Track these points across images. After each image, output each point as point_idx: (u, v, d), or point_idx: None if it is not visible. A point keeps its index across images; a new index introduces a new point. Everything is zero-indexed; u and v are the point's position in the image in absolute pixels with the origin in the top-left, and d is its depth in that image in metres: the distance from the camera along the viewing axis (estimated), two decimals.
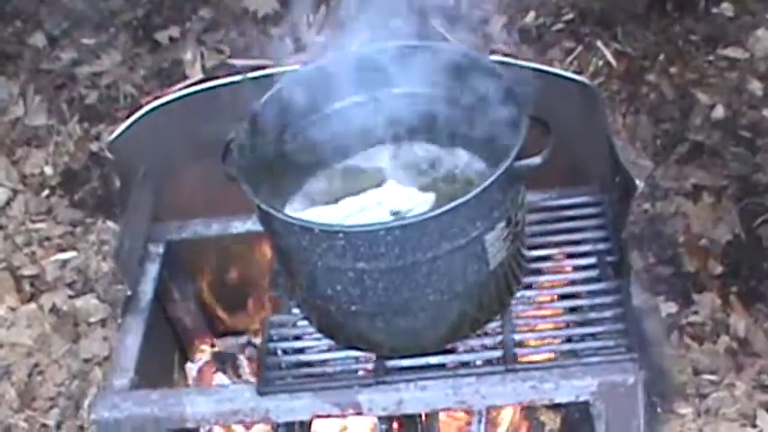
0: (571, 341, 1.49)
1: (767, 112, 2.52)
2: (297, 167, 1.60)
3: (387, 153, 1.65)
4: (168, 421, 1.52)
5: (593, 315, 1.51)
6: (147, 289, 1.72)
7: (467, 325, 1.48)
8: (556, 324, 1.53)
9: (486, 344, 1.51)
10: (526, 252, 1.54)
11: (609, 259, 1.58)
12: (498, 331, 1.50)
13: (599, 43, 2.75)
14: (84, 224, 2.62)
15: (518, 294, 1.54)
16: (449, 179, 1.58)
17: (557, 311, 1.55)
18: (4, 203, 2.66)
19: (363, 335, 1.48)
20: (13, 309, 2.41)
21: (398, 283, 1.37)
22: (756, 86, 2.59)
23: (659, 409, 1.69)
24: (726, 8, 2.78)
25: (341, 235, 1.31)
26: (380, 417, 1.58)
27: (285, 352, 1.55)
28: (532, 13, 2.82)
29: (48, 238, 2.60)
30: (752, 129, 2.49)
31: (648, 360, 1.65)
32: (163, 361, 1.86)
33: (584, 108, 1.66)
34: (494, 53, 2.71)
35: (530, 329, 1.52)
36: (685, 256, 2.26)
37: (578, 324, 1.51)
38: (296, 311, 1.58)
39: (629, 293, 1.51)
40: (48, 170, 2.78)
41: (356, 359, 1.52)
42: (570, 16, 2.83)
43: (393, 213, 1.45)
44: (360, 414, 1.48)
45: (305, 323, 1.56)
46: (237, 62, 2.84)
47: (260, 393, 1.49)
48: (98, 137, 2.83)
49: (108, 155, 1.71)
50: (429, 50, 1.57)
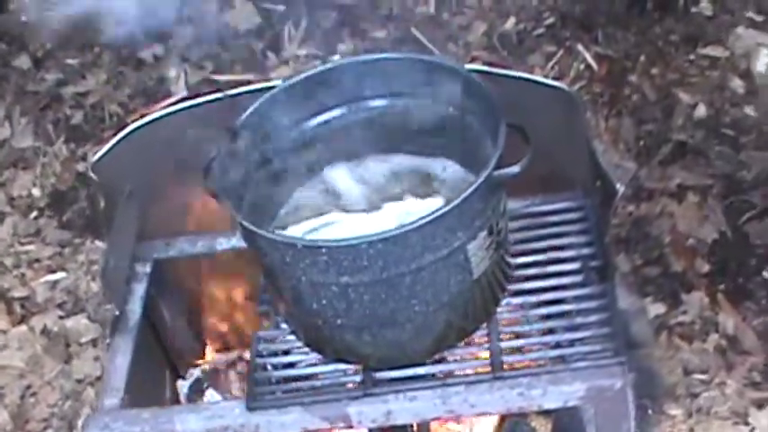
0: (558, 347, 1.50)
1: (749, 110, 2.54)
2: (280, 182, 1.61)
3: (369, 165, 1.66)
4: None
5: (579, 320, 1.51)
6: (135, 308, 1.73)
7: (453, 335, 1.49)
8: (542, 330, 1.53)
9: (473, 353, 1.52)
10: (510, 260, 1.54)
11: (593, 264, 1.59)
12: (485, 340, 1.51)
13: (579, 47, 2.76)
14: (72, 245, 2.62)
15: (503, 302, 1.55)
16: (434, 188, 1.59)
17: (543, 318, 1.55)
18: None
19: (350, 347, 1.48)
20: (4, 331, 2.41)
21: (383, 296, 1.38)
22: (738, 84, 2.61)
23: (650, 411, 1.70)
24: (705, 7, 2.80)
25: (324, 250, 1.32)
26: (371, 429, 1.59)
27: (274, 367, 1.56)
28: (513, 19, 2.83)
29: (37, 260, 2.60)
30: (735, 127, 2.51)
31: (637, 362, 1.67)
32: (153, 379, 1.86)
33: (564, 114, 1.67)
34: (474, 60, 2.75)
35: (516, 336, 1.53)
36: (672, 256, 2.27)
37: (565, 329, 1.52)
38: (284, 326, 1.59)
39: (614, 297, 1.52)
40: (35, 192, 2.78)
41: (344, 372, 1.52)
42: (551, 20, 2.83)
43: None
44: (350, 427, 1.49)
45: (292, 337, 1.57)
46: (220, 78, 2.85)
47: (249, 409, 1.50)
48: (84, 157, 2.83)
49: (92, 175, 1.71)
50: (406, 61, 1.58)
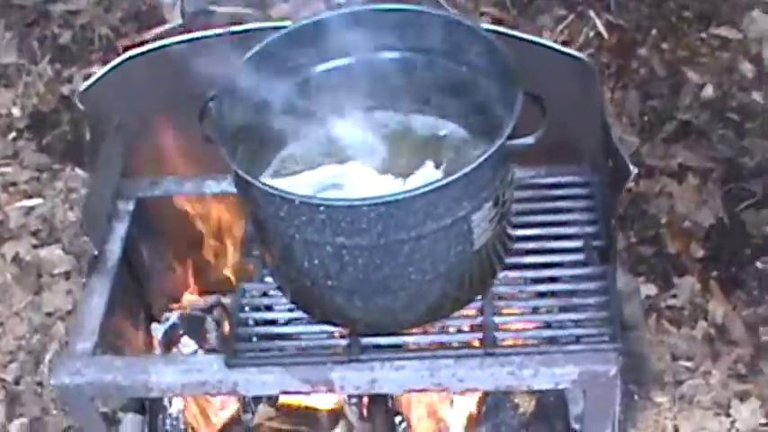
0: (552, 327, 1.44)
1: (757, 96, 2.47)
2: (278, 132, 1.53)
3: (371, 120, 1.59)
4: (132, 389, 1.47)
5: (576, 301, 1.46)
6: (115, 248, 1.65)
7: (447, 305, 1.43)
8: (537, 308, 1.48)
9: (465, 325, 1.46)
10: (511, 231, 1.48)
11: (595, 243, 1.53)
12: (478, 313, 1.45)
13: (591, 13, 2.68)
14: (51, 170, 2.53)
15: (501, 275, 1.49)
16: (436, 149, 1.52)
17: (539, 295, 1.50)
18: None
19: (339, 310, 1.42)
20: None
21: (379, 261, 1.31)
22: (747, 68, 2.54)
23: (636, 397, 1.66)
24: None
25: (322, 208, 1.25)
26: (350, 396, 1.53)
27: (256, 323, 1.49)
28: None
29: (13, 183, 2.51)
30: (740, 111, 2.44)
31: (627, 346, 1.61)
32: (128, 322, 1.80)
33: (577, 84, 1.60)
34: (483, 16, 2.66)
35: (511, 313, 1.47)
36: (668, 237, 2.22)
37: (561, 309, 1.46)
38: (269, 279, 1.52)
39: (614, 281, 1.47)
40: (15, 111, 2.68)
41: (330, 334, 1.46)
42: None
43: None
44: (331, 392, 1.43)
45: (278, 293, 1.50)
46: (219, 9, 2.74)
47: (228, 366, 1.44)
48: (70, 79, 2.73)
49: (78, 105, 1.62)
50: (421, 15, 1.50)
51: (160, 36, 1.66)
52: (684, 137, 2.41)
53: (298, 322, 1.48)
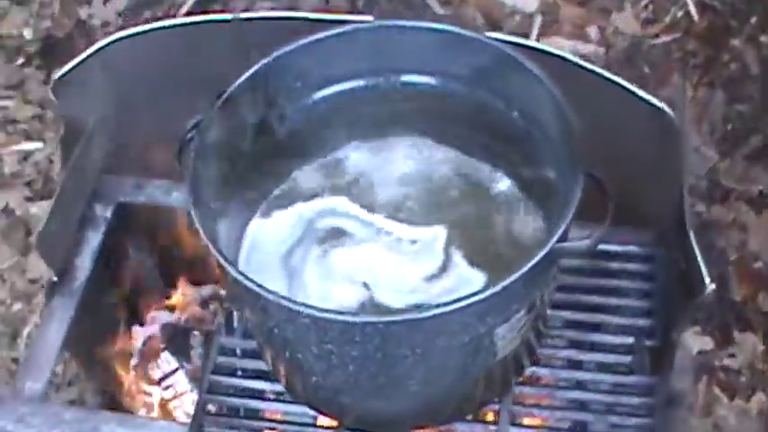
0: None
1: None
2: (280, 158, 1.26)
3: (397, 150, 1.31)
4: None
5: (614, 419, 1.20)
6: (84, 264, 1.41)
7: (455, 412, 1.18)
8: (567, 423, 1.22)
9: None
10: (544, 328, 1.21)
11: (648, 343, 1.26)
12: (493, 420, 1.20)
13: None
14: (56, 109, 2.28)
15: (528, 371, 1.22)
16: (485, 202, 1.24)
17: (570, 403, 1.24)
18: None
19: (325, 400, 1.18)
20: None
21: (374, 371, 1.05)
22: None
23: None
24: None
25: (304, 314, 0.99)
26: None
27: (230, 392, 1.26)
28: None
29: (13, 121, 2.27)
30: None
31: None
32: (102, 331, 1.58)
33: (654, 136, 1.30)
34: None
35: (531, 425, 1.22)
36: (734, 280, 1.92)
37: (593, 426, 1.20)
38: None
39: (663, 399, 1.20)
40: (27, 33, 2.42)
41: (314, 421, 1.22)
42: None
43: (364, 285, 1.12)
44: None
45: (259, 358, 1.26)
46: None
47: None
48: (89, 0, 2.45)
49: (52, 97, 1.36)
50: (464, 39, 1.20)
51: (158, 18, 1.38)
52: None
53: (280, 399, 1.25)
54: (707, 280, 1.10)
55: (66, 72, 1.36)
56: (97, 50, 1.37)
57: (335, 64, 1.23)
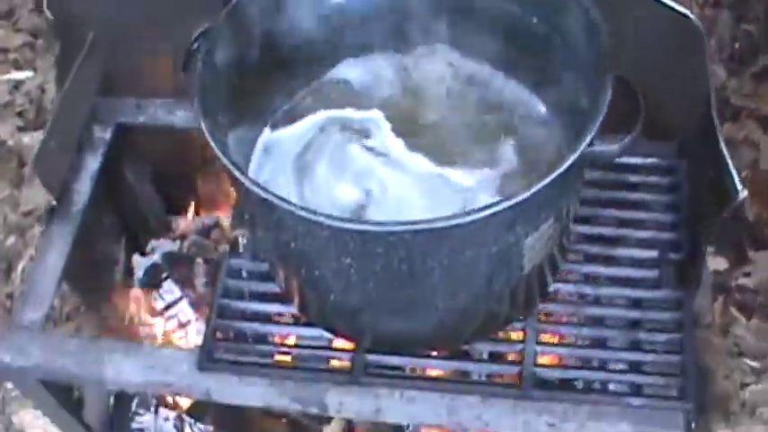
0: (607, 369, 1.15)
1: None
2: (285, 73, 1.20)
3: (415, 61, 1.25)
4: (85, 380, 1.21)
5: (641, 336, 1.16)
6: (83, 188, 1.35)
7: (479, 329, 1.13)
8: (592, 340, 1.18)
9: (499, 353, 1.17)
10: (568, 243, 1.16)
11: (673, 256, 1.21)
12: (518, 339, 1.16)
13: None
14: (48, 37, 2.20)
15: (552, 287, 1.18)
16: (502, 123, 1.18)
17: (595, 320, 1.19)
18: None
19: (342, 321, 1.13)
20: None
21: (396, 288, 1.01)
22: None
23: (693, 425, 1.37)
24: None
25: (324, 225, 0.93)
26: None
27: (241, 315, 1.21)
28: None
29: (3, 50, 2.19)
30: None
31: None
32: (102, 260, 1.53)
33: (678, 46, 1.24)
34: None
35: (558, 343, 1.18)
36: (747, 198, 1.87)
37: (621, 344, 1.16)
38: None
39: (691, 314, 1.16)
40: None
41: (330, 344, 1.18)
42: None
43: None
44: (325, 415, 1.16)
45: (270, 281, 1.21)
46: None
47: (201, 369, 1.17)
48: None
49: (47, 13, 1.29)
50: None
51: None
52: None
53: (292, 322, 1.20)
54: (739, 187, 1.05)
55: None
56: None
57: None
